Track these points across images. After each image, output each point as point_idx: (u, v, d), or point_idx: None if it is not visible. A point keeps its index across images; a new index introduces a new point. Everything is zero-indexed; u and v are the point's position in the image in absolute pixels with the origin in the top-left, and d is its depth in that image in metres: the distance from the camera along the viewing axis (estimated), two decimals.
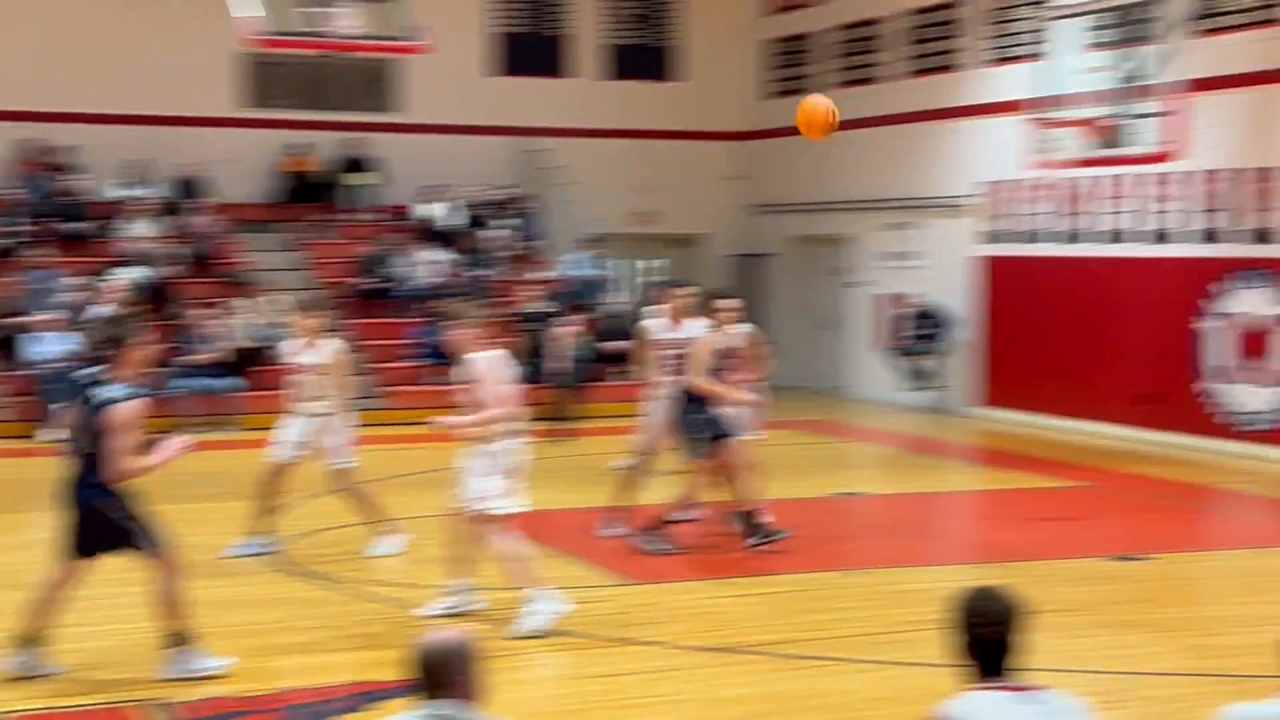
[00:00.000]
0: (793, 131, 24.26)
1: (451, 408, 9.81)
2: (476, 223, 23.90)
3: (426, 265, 22.74)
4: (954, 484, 17.03)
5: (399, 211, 24.02)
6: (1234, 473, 16.78)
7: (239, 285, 21.76)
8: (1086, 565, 11.81)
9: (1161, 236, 18.66)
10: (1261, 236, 17.40)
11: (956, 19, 21.95)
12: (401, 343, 21.78)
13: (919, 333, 21.86)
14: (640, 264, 26.47)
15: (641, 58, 26.17)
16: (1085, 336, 19.66)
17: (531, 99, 25.30)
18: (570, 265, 23.55)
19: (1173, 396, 18.42)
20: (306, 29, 18.27)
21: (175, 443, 8.45)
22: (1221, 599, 11.41)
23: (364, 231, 23.34)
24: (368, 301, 22.39)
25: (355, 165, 24.27)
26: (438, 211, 23.87)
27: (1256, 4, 17.42)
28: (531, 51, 25.52)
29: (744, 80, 26.73)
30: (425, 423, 9.91)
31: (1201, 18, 17.54)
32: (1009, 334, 20.99)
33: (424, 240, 23.23)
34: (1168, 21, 15.84)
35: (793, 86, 25.63)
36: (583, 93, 25.75)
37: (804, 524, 13.18)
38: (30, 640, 8.45)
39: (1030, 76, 18.34)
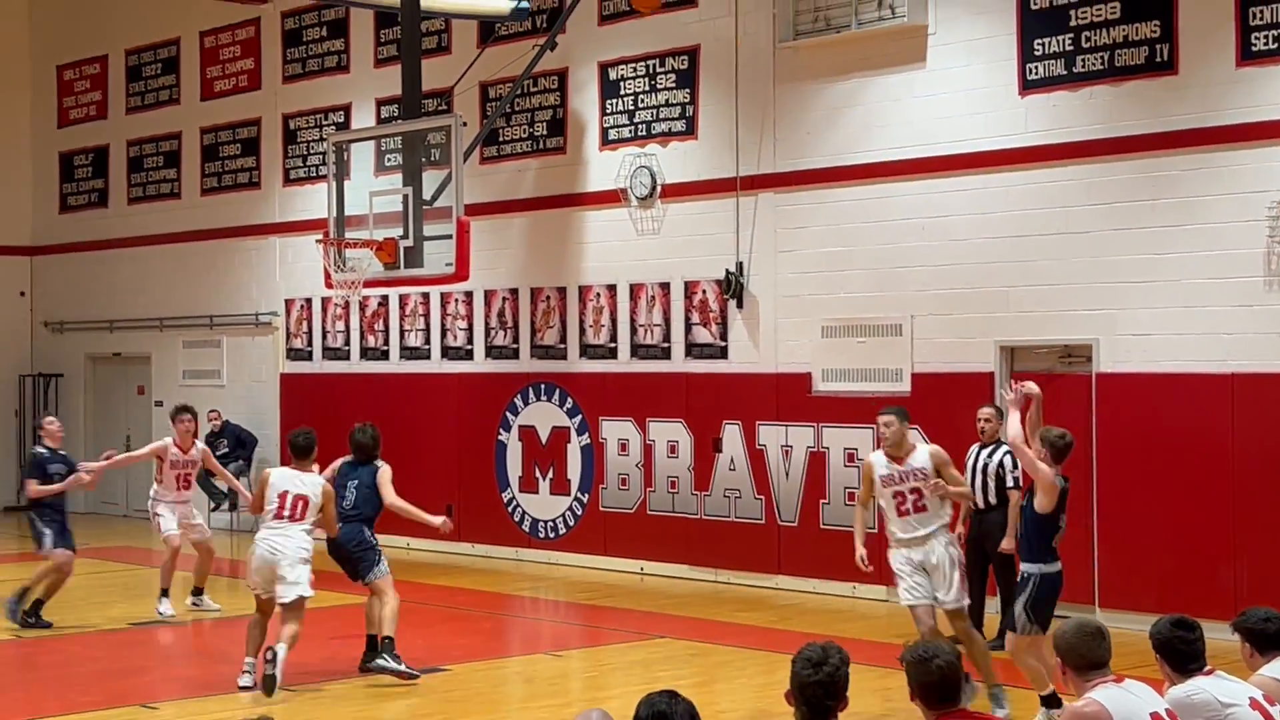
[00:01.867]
0: (87, 246, 23.67)
1: None
2: None
3: None
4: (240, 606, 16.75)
5: None
6: (530, 579, 17.50)
7: None
8: (387, 680, 11.92)
9: (458, 353, 19.37)
10: (547, 352, 18.36)
11: (253, 137, 22.04)
12: None
13: (224, 452, 21.58)
14: None
15: None
16: (389, 451, 19.94)
17: None
18: None
19: (474, 506, 19.05)
20: None
21: None
22: (519, 705, 11.84)
23: None
24: None
25: None
26: None
27: (529, 135, 18.53)
28: None
29: (30, 192, 25.76)
30: None
31: (482, 145, 18.45)
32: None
33: None
34: (449, 149, 16.52)
35: (84, 200, 24.95)
36: None
37: (99, 656, 12.77)
38: None
39: (325, 197, 18.63)
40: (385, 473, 12.64)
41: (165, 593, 14.95)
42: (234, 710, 11.10)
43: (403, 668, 12.02)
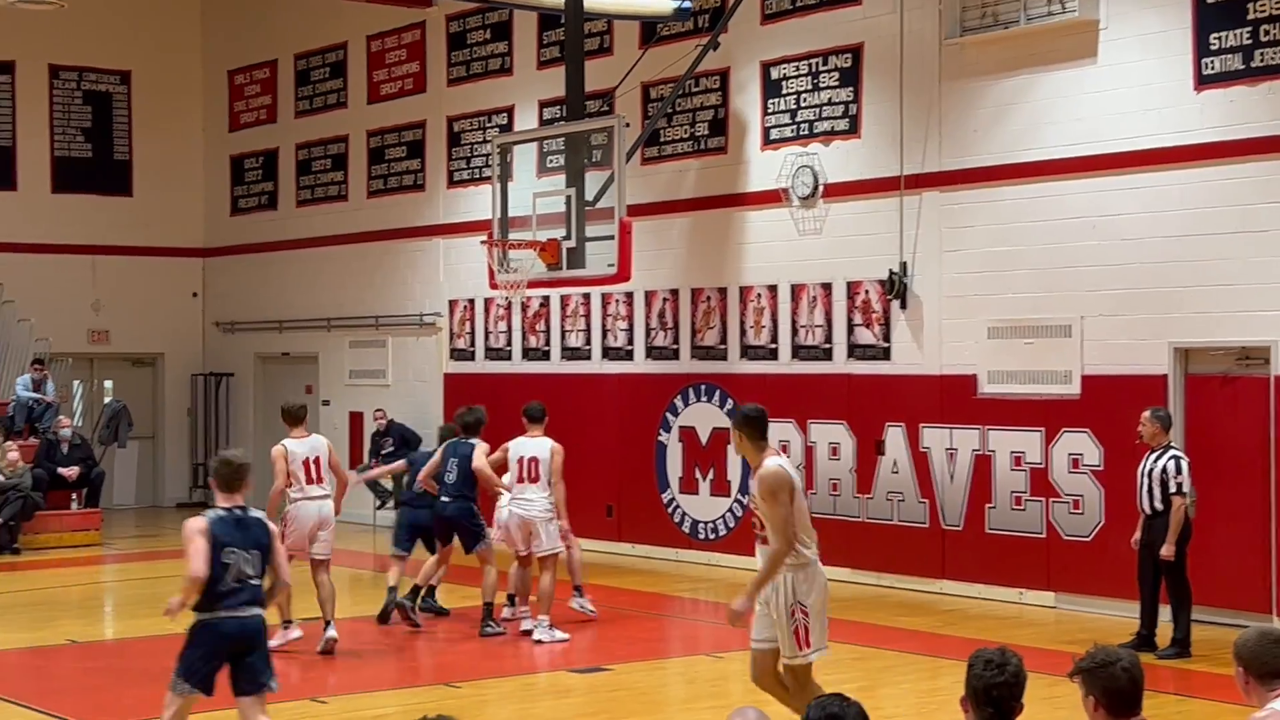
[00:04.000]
0: (257, 248, 24.00)
1: None
2: None
3: None
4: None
5: None
6: (690, 580, 17.43)
7: None
8: (548, 679, 12.09)
9: (618, 354, 19.39)
10: (707, 353, 18.31)
11: (418, 140, 22.27)
12: None
13: (389, 451, 21.82)
14: (101, 385, 25.60)
15: (92, 171, 25.35)
16: None
17: None
18: (16, 386, 22.47)
19: (634, 507, 19.06)
20: None
21: None
22: (680, 707, 11.78)
23: None
24: None
25: None
26: None
27: (690, 135, 18.47)
28: None
29: (203, 196, 26.31)
30: None
31: (644, 146, 18.44)
32: None
33: None
34: (611, 150, 16.57)
35: (254, 203, 25.43)
36: (30, 206, 24.72)
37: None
38: None
39: (488, 198, 18.77)
40: (481, 449, 13.83)
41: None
42: (403, 705, 11.21)
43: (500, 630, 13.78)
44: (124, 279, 25.44)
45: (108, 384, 25.76)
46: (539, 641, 13.34)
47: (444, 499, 13.96)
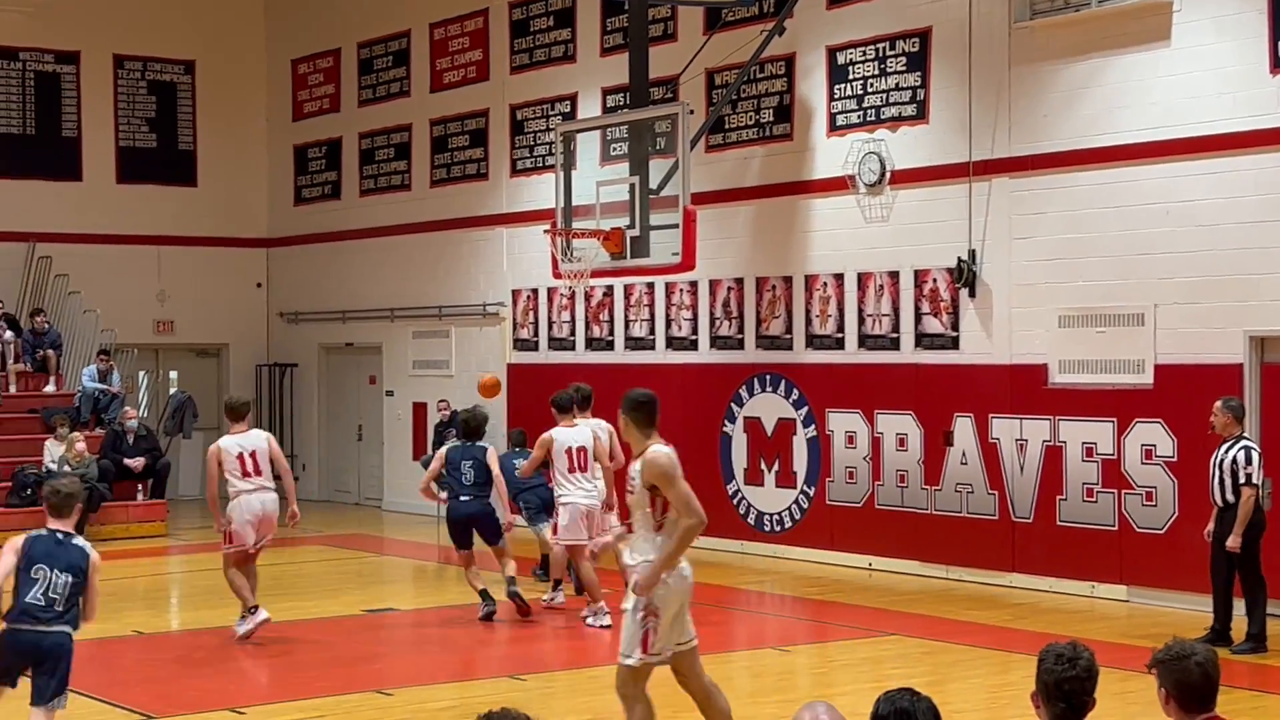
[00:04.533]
0: (320, 238, 24.14)
1: None
2: None
3: None
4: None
5: None
6: (755, 572, 17.29)
7: None
8: (612, 672, 11.66)
9: (682, 343, 19.25)
10: (772, 343, 18.13)
11: (481, 129, 22.19)
12: None
13: (453, 441, 21.72)
14: (166, 375, 25.70)
15: (157, 161, 25.42)
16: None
17: (39, 203, 24.23)
18: (82, 376, 22.59)
19: (698, 499, 18.84)
20: None
21: None
22: (746, 700, 11.59)
23: None
24: None
25: None
26: None
27: (755, 122, 18.29)
28: (38, 153, 24.45)
29: (267, 186, 26.34)
30: None
31: (708, 133, 18.28)
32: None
33: None
34: (675, 137, 16.44)
35: (318, 193, 25.43)
36: (95, 196, 24.83)
37: (332, 644, 13.03)
38: None
39: (552, 187, 18.68)
40: (493, 452, 14.30)
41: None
42: (466, 698, 11.15)
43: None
44: (189, 270, 25.52)
45: (173, 375, 25.86)
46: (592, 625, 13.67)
47: (463, 498, 14.23)
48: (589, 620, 13.76)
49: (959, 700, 10.95)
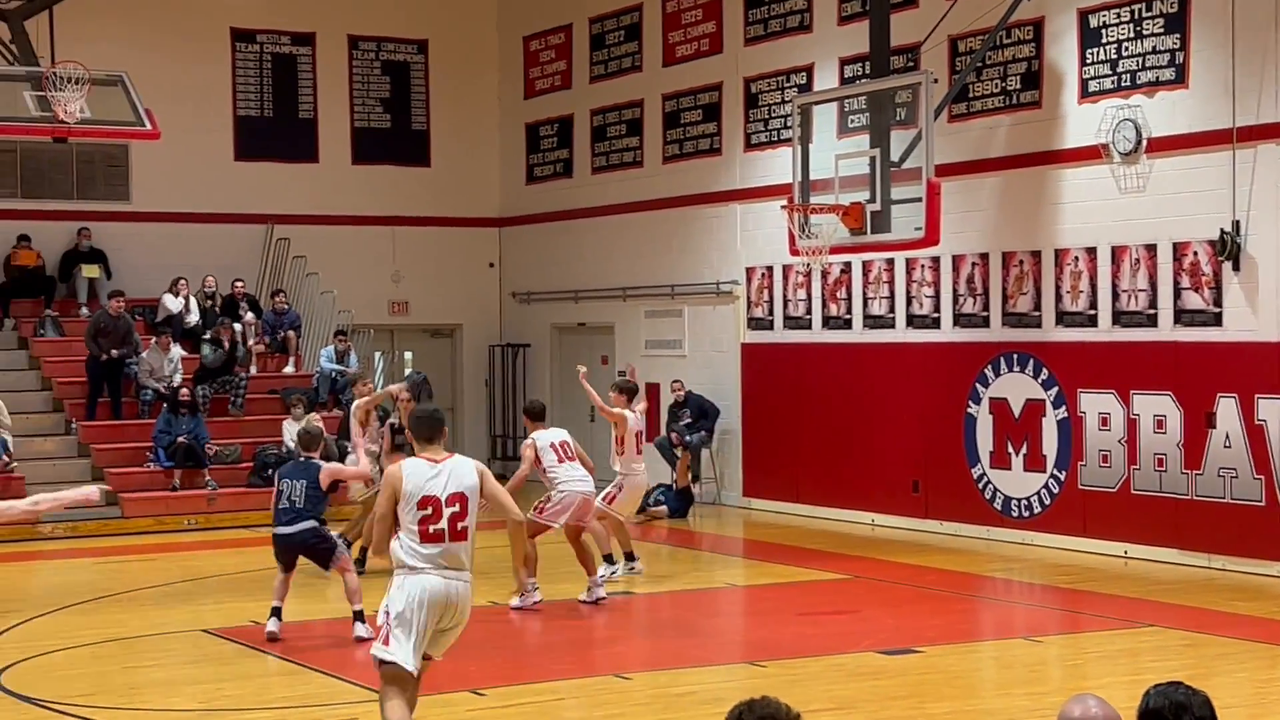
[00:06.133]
0: (552, 217, 24.01)
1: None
2: (217, 315, 22.81)
3: (168, 361, 21.66)
4: (720, 579, 16.63)
5: (135, 305, 22.87)
6: (1002, 559, 16.68)
7: None
8: (857, 660, 11.57)
9: (923, 321, 18.66)
10: (1020, 320, 17.45)
11: (714, 103, 21.81)
12: (139, 446, 20.70)
13: (685, 422, 21.47)
14: (401, 356, 25.86)
15: (391, 142, 25.55)
16: (850, 424, 19.53)
17: (278, 184, 24.53)
18: (320, 357, 22.79)
19: (941, 483, 18.32)
20: (33, 114, 17.46)
21: None
22: (995, 691, 11.17)
23: (102, 329, 21.88)
24: (100, 401, 21.23)
25: (87, 257, 23.07)
26: (178, 305, 22.79)
27: (1001, 90, 17.61)
28: (277, 136, 24.75)
29: (499, 165, 26.31)
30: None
31: (952, 103, 17.66)
32: (770, 422, 20.78)
33: (164, 335, 22.01)
34: (917, 107, 15.94)
35: (549, 171, 25.31)
36: (331, 177, 25.04)
37: (570, 626, 12.97)
38: None
39: (788, 162, 18.30)
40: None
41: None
42: (708, 683, 10.91)
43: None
44: (422, 250, 25.63)
45: (408, 355, 26.01)
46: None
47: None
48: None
49: (1225, 695, 10.24)
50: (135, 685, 11.20)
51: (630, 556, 15.42)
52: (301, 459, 12.81)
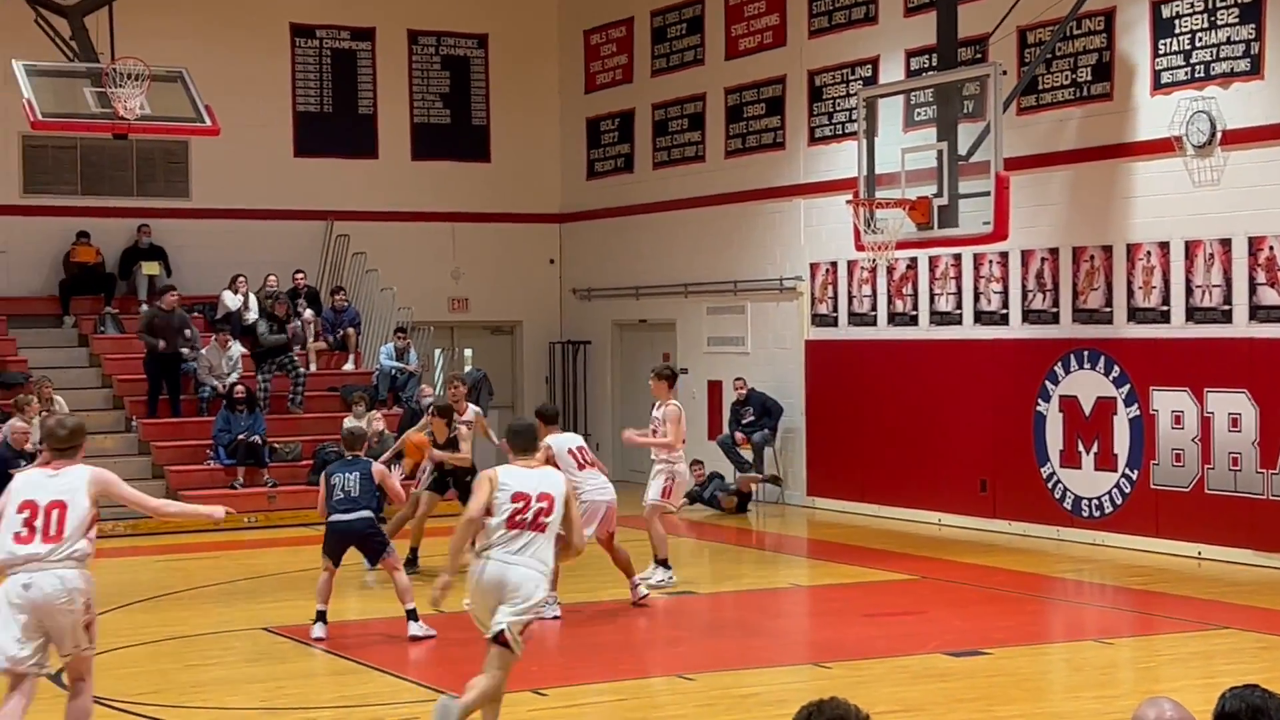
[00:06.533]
0: (612, 213, 23.76)
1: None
2: (277, 313, 22.73)
3: (227, 359, 21.63)
4: (783, 579, 16.46)
5: (195, 302, 22.87)
6: (1073, 560, 16.42)
7: (13, 386, 20.38)
8: (923, 661, 11.42)
9: (991, 318, 18.38)
10: (1091, 316, 17.15)
11: (778, 96, 21.59)
12: (198, 443, 20.67)
13: (749, 421, 21.26)
14: (461, 353, 25.77)
15: (450, 137, 25.44)
16: (916, 422, 19.27)
17: (337, 181, 24.47)
18: (380, 354, 22.71)
19: (1010, 482, 18.04)
20: (93, 111, 17.44)
21: None
22: (1065, 694, 11.00)
23: (156, 324, 21.80)
24: (160, 399, 21.22)
25: (147, 254, 23.07)
26: (236, 302, 22.75)
27: (1071, 82, 17.32)
28: (336, 131, 24.69)
29: (559, 160, 26.16)
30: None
31: (1020, 95, 17.39)
32: (834, 420, 20.54)
33: (223, 332, 21.95)
34: (985, 100, 15.70)
35: (610, 166, 25.13)
36: (390, 173, 24.96)
37: (632, 626, 12.95)
38: None
39: (853, 156, 18.08)
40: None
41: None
42: (773, 684, 10.82)
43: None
44: (482, 246, 25.51)
45: (467, 352, 25.90)
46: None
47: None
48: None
49: None
50: (197, 683, 11.14)
51: (665, 564, 15.01)
52: (349, 457, 12.76)
